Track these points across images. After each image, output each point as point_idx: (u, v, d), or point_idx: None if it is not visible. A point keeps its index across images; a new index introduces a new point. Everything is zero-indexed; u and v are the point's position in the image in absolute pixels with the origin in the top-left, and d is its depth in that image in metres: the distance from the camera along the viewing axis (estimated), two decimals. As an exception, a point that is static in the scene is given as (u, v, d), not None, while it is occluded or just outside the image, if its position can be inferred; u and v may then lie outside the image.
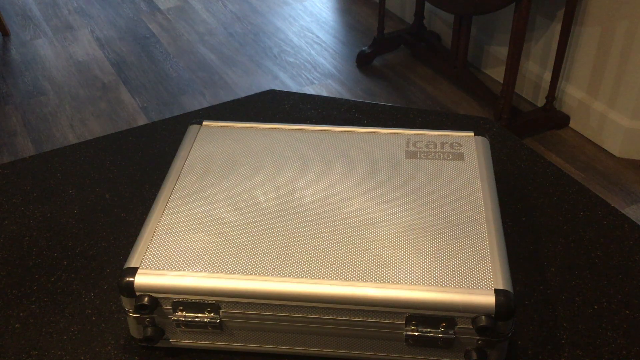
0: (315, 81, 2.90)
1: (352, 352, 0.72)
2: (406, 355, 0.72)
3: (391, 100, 2.76)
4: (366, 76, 2.93)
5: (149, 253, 0.72)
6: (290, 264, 0.70)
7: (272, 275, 0.69)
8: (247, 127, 0.93)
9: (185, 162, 0.86)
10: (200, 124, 0.94)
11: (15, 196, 0.98)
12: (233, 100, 1.17)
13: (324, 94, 2.81)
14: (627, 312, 0.79)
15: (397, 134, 0.91)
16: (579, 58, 2.46)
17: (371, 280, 0.68)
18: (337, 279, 0.69)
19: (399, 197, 0.80)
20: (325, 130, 0.92)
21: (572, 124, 2.58)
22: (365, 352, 0.72)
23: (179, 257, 0.72)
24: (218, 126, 0.93)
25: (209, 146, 0.89)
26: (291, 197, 0.80)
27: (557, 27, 2.51)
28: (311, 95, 1.18)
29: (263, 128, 0.93)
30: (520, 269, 0.85)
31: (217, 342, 0.74)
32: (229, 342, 0.74)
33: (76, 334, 0.78)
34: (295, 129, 0.92)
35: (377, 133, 0.91)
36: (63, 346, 0.76)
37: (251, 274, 0.70)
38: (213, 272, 0.70)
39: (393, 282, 0.68)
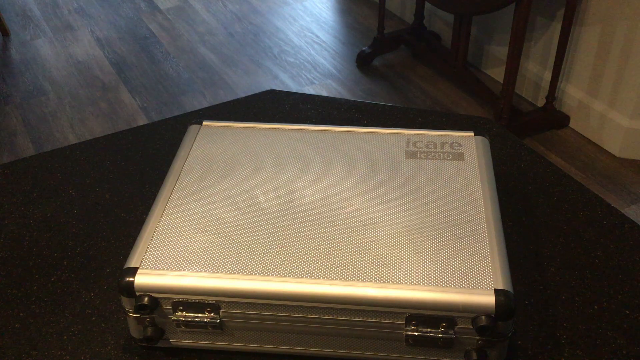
0: (315, 81, 2.90)
1: (352, 352, 0.72)
2: (406, 355, 0.72)
3: (391, 100, 2.76)
4: (366, 76, 2.93)
5: (149, 253, 0.72)
6: (290, 264, 0.70)
7: (272, 275, 0.69)
8: (247, 127, 0.93)
9: (185, 162, 0.86)
10: (200, 124, 0.94)
11: (15, 196, 0.98)
12: (233, 100, 1.17)
13: (324, 94, 2.81)
14: (627, 312, 0.79)
15: (397, 134, 0.91)
16: (579, 58, 2.46)
17: (371, 280, 0.68)
18: (337, 279, 0.69)
19: (399, 197, 0.80)
20: (325, 130, 0.92)
21: (572, 124, 2.58)
22: (365, 352, 0.72)
23: (179, 257, 0.72)
24: (218, 126, 0.93)
25: (209, 146, 0.89)
26: (291, 197, 0.80)
27: (557, 27, 2.51)
28: (311, 95, 1.18)
29: (263, 128, 0.93)
30: (520, 269, 0.85)
31: (217, 342, 0.74)
32: (229, 342, 0.74)
33: (76, 334, 0.78)
34: (295, 129, 0.92)
35: (377, 133, 0.91)
36: (63, 346, 0.76)
37: (251, 274, 0.70)
38: (213, 272, 0.70)
39: (393, 282, 0.68)
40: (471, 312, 0.67)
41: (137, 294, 0.70)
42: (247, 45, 3.17)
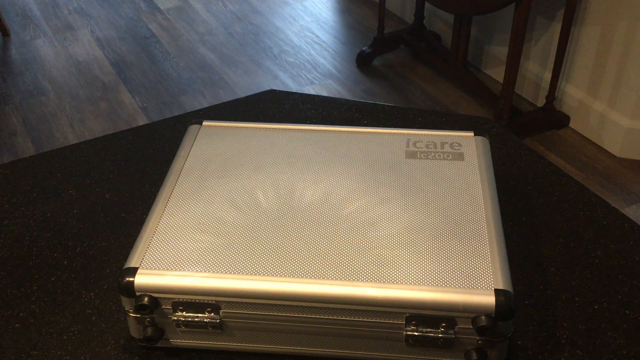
0: (315, 81, 2.90)
1: (352, 352, 0.72)
2: (406, 355, 0.72)
3: (391, 100, 2.76)
4: (366, 76, 2.93)
5: (149, 253, 0.72)
6: (290, 264, 0.70)
7: (272, 275, 0.69)
8: (247, 127, 0.93)
9: (185, 162, 0.86)
10: (200, 124, 0.94)
11: (15, 196, 0.98)
12: (233, 100, 1.17)
13: (324, 94, 2.81)
14: (627, 312, 0.79)
15: (397, 134, 0.91)
16: (579, 58, 2.46)
17: (371, 280, 0.68)
18: (337, 279, 0.69)
19: (399, 197, 0.80)
20: (325, 130, 0.92)
21: (572, 124, 2.58)
22: (365, 352, 0.72)
23: (179, 257, 0.72)
24: (218, 126, 0.93)
25: (209, 146, 0.89)
26: (291, 197, 0.80)
27: (557, 27, 2.51)
28: (311, 95, 1.18)
29: (263, 128, 0.93)
30: (520, 269, 0.85)
31: (217, 342, 0.74)
32: (229, 342, 0.74)
33: (76, 334, 0.78)
34: (295, 129, 0.92)
35: (377, 133, 0.91)
36: (63, 346, 0.76)
37: (251, 274, 0.70)
38: (213, 272, 0.70)
39: (393, 282, 0.68)
40: (471, 312, 0.67)
41: (137, 294, 0.70)
42: (247, 45, 3.17)
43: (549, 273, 0.84)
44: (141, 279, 0.70)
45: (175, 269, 0.71)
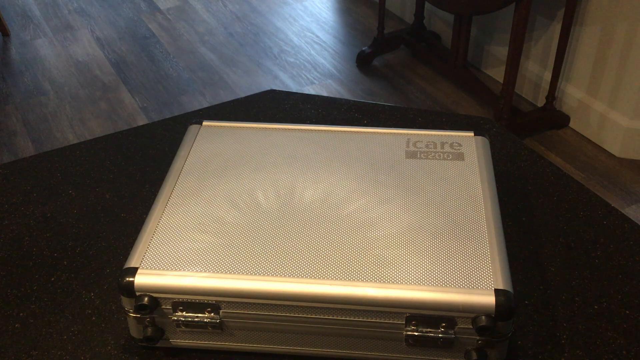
0: (315, 81, 2.90)
1: (352, 352, 0.72)
2: (406, 355, 0.72)
3: (391, 100, 2.76)
4: (366, 76, 2.93)
5: (149, 253, 0.72)
6: (290, 264, 0.70)
7: (272, 275, 0.69)
8: (247, 127, 0.93)
9: (185, 162, 0.86)
10: (200, 124, 0.94)
11: (15, 196, 0.98)
12: (233, 100, 1.17)
13: (324, 94, 2.81)
14: (627, 312, 0.79)
15: (397, 134, 0.91)
16: (579, 58, 2.46)
17: (371, 280, 0.68)
18: (337, 279, 0.69)
19: (399, 197, 0.80)
20: (325, 130, 0.92)
21: (572, 124, 2.58)
22: (365, 352, 0.72)
23: (179, 257, 0.72)
24: (218, 126, 0.93)
25: (209, 146, 0.89)
26: (291, 197, 0.80)
27: (557, 27, 2.51)
28: (311, 95, 1.18)
29: (263, 128, 0.93)
30: (520, 269, 0.85)
31: (217, 342, 0.74)
32: (229, 342, 0.74)
33: (76, 334, 0.78)
34: (295, 129, 0.92)
35: (377, 133, 0.91)
36: (63, 346, 0.76)
37: (251, 274, 0.70)
38: (213, 272, 0.70)
39: (393, 282, 0.68)
40: (471, 312, 0.67)
41: (137, 294, 0.70)
42: (247, 45, 3.17)
43: (549, 273, 0.84)
44: (141, 279, 0.70)
45: (175, 269, 0.71)
